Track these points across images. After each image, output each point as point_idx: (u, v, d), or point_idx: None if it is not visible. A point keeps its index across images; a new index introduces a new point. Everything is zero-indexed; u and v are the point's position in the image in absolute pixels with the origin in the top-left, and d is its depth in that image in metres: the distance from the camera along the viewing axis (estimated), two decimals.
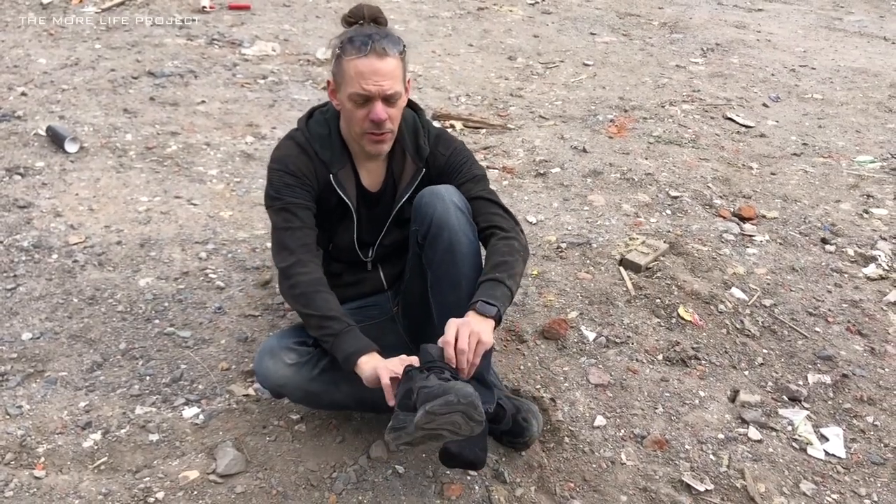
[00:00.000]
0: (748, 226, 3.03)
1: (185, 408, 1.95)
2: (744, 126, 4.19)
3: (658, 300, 2.47)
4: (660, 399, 2.09)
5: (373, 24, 1.66)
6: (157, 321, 2.29)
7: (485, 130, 3.94)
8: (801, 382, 2.20)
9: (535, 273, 2.61)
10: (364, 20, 1.66)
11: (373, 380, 1.56)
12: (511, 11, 6.51)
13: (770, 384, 2.19)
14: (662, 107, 4.39)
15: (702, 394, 2.12)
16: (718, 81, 4.97)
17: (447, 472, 1.78)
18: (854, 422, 2.07)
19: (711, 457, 1.91)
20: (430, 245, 1.71)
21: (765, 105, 4.59)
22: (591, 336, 2.31)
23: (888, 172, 3.66)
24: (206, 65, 4.53)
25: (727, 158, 3.70)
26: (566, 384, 2.11)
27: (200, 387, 2.04)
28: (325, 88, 1.75)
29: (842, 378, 2.21)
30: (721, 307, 2.45)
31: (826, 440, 1.99)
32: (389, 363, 1.57)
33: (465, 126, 3.96)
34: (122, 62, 4.44)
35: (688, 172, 3.46)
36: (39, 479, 1.70)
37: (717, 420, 2.03)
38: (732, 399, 2.12)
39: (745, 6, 7.48)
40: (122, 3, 5.50)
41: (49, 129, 3.40)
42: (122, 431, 1.86)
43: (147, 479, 1.72)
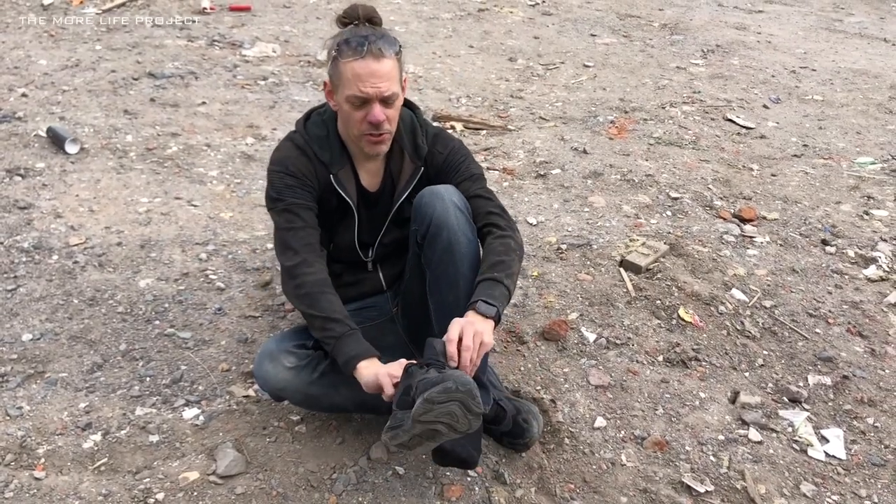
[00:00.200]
0: (748, 227, 3.03)
1: (186, 409, 1.95)
2: (744, 127, 4.19)
3: (658, 301, 2.47)
4: (660, 400, 2.09)
5: (367, 25, 1.66)
6: (158, 322, 2.29)
7: (485, 132, 3.94)
8: (802, 384, 2.20)
9: (536, 274, 2.61)
10: (359, 20, 1.66)
11: (372, 385, 1.55)
12: (511, 13, 6.51)
13: (770, 385, 2.19)
14: (663, 108, 4.39)
15: (702, 395, 2.12)
16: (719, 83, 4.97)
17: (447, 473, 1.78)
18: (854, 423, 2.07)
19: (712, 458, 1.91)
20: (430, 244, 1.71)
21: (765, 106, 4.59)
22: (592, 337, 2.31)
23: (888, 174, 3.66)
24: (207, 66, 4.54)
25: (727, 160, 3.70)
26: (566, 385, 2.11)
27: (201, 388, 2.04)
28: (323, 90, 1.75)
29: (842, 379, 2.21)
30: (721, 308, 2.45)
31: (826, 441, 1.99)
32: (390, 367, 1.56)
33: (466, 127, 3.96)
34: (123, 63, 4.44)
35: (688, 174, 3.46)
36: (39, 480, 1.70)
37: (718, 421, 2.03)
38: (733, 400, 2.12)
39: (746, 8, 7.48)
40: (123, 5, 5.51)
41: (49, 131, 3.40)
42: (123, 432, 1.86)
43: (147, 480, 1.72)
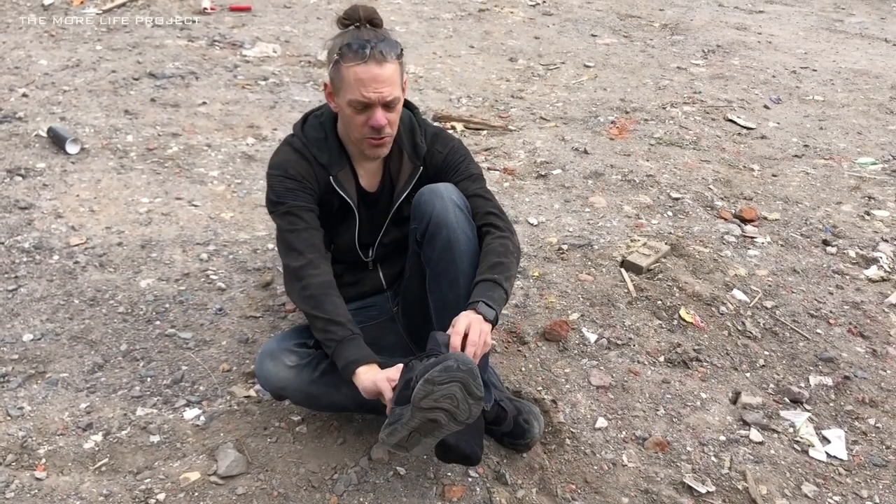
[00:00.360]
0: (749, 227, 3.03)
1: (186, 409, 1.95)
2: (745, 128, 4.19)
3: (659, 302, 2.47)
4: (661, 401, 2.09)
5: (368, 27, 1.66)
6: (158, 322, 2.29)
7: (486, 132, 3.94)
8: (803, 384, 2.20)
9: (537, 275, 2.61)
10: (360, 22, 1.65)
11: (371, 391, 1.55)
12: (512, 13, 6.51)
13: (771, 386, 2.19)
14: (663, 108, 4.39)
15: (703, 395, 2.12)
16: (719, 83, 4.97)
17: (448, 474, 1.78)
18: (856, 424, 2.07)
19: (713, 458, 1.91)
20: (429, 242, 1.71)
21: (766, 107, 4.59)
22: (593, 338, 2.31)
23: (889, 174, 3.66)
24: (207, 66, 4.54)
25: (728, 160, 3.70)
26: (567, 386, 2.11)
27: (201, 388, 2.04)
28: (323, 90, 1.75)
29: (843, 380, 2.21)
30: (722, 309, 2.45)
31: (828, 442, 1.99)
32: (388, 372, 1.55)
33: (466, 127, 3.96)
34: (123, 63, 4.44)
35: (689, 174, 3.46)
36: (40, 481, 1.70)
37: (719, 422, 2.03)
38: (734, 401, 2.12)
39: (746, 8, 7.48)
40: (123, 5, 5.51)
41: (50, 131, 3.40)
42: (123, 433, 1.86)
43: (148, 481, 1.72)
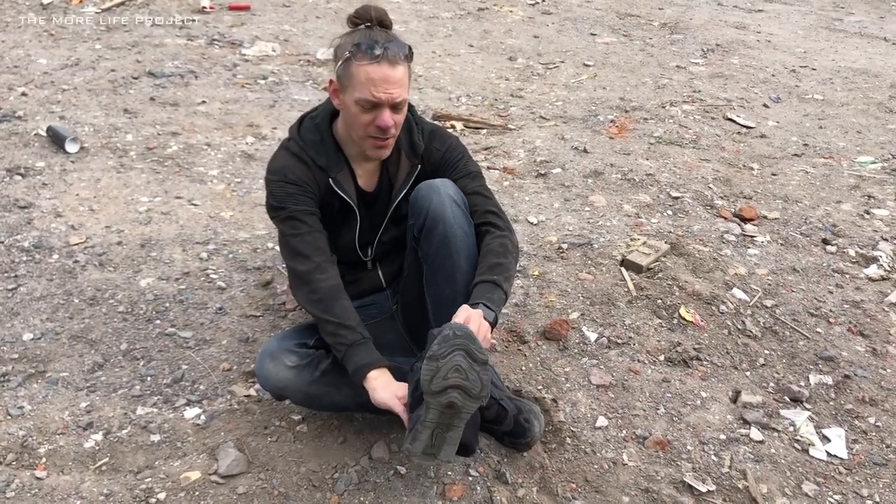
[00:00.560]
0: (749, 226, 3.03)
1: (187, 408, 1.95)
2: (744, 127, 4.19)
3: (659, 301, 2.47)
4: (661, 400, 2.09)
5: (378, 27, 1.66)
6: (159, 322, 2.29)
7: (485, 131, 3.94)
8: (803, 383, 2.20)
9: (537, 274, 2.61)
10: (371, 22, 1.65)
11: (382, 406, 1.58)
12: (511, 12, 6.51)
13: (772, 385, 2.19)
14: (663, 107, 4.39)
15: (703, 394, 2.12)
16: (719, 82, 4.97)
17: (448, 473, 1.78)
18: (856, 423, 2.07)
19: (713, 457, 1.91)
20: (426, 238, 1.71)
21: (765, 106, 4.59)
22: (593, 337, 2.31)
23: (889, 173, 3.66)
24: (207, 65, 4.53)
25: (728, 159, 3.70)
26: (568, 385, 2.11)
27: (202, 387, 2.03)
28: (326, 88, 1.74)
29: (843, 379, 2.21)
30: (722, 308, 2.45)
31: (828, 441, 1.99)
32: (399, 388, 1.58)
33: (466, 126, 3.96)
34: (123, 62, 4.43)
35: (689, 173, 3.46)
36: (41, 480, 1.70)
37: (719, 421, 2.03)
38: (734, 400, 2.12)
39: (746, 7, 7.48)
40: (122, 4, 5.50)
41: (49, 130, 3.39)
42: (124, 432, 1.86)
43: (149, 480, 1.71)
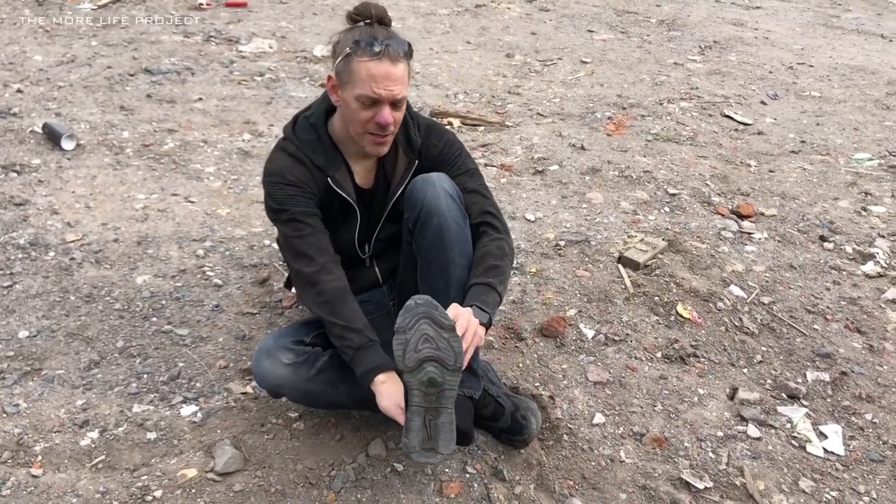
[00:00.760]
0: (746, 223, 3.03)
1: (183, 406, 1.95)
2: (742, 123, 4.19)
3: (657, 298, 2.47)
4: (659, 397, 2.09)
5: (378, 25, 1.65)
6: (155, 319, 2.28)
7: (483, 128, 3.93)
8: (800, 380, 2.20)
9: (534, 271, 2.60)
10: (371, 19, 1.65)
11: (387, 413, 1.58)
12: (509, 9, 6.50)
13: (769, 382, 2.19)
14: (660, 104, 4.38)
15: (701, 391, 2.12)
16: (716, 79, 4.97)
17: (446, 470, 1.78)
18: (853, 419, 2.07)
19: (710, 454, 1.91)
20: (420, 231, 1.71)
21: (763, 102, 4.59)
22: (590, 334, 2.31)
23: (886, 170, 3.66)
24: (203, 62, 4.52)
25: (725, 156, 3.70)
26: (565, 382, 2.11)
27: (198, 385, 2.03)
28: (324, 85, 1.73)
29: (840, 375, 2.21)
30: (720, 305, 2.45)
31: (825, 438, 1.99)
32: (400, 400, 1.58)
33: (463, 123, 3.95)
34: (119, 59, 4.42)
35: (686, 170, 3.46)
36: (37, 478, 1.70)
37: (716, 418, 2.03)
38: (731, 397, 2.12)
39: (743, 4, 7.48)
40: (118, 0, 5.48)
41: (45, 127, 3.38)
42: (120, 430, 1.85)
43: (145, 478, 1.71)
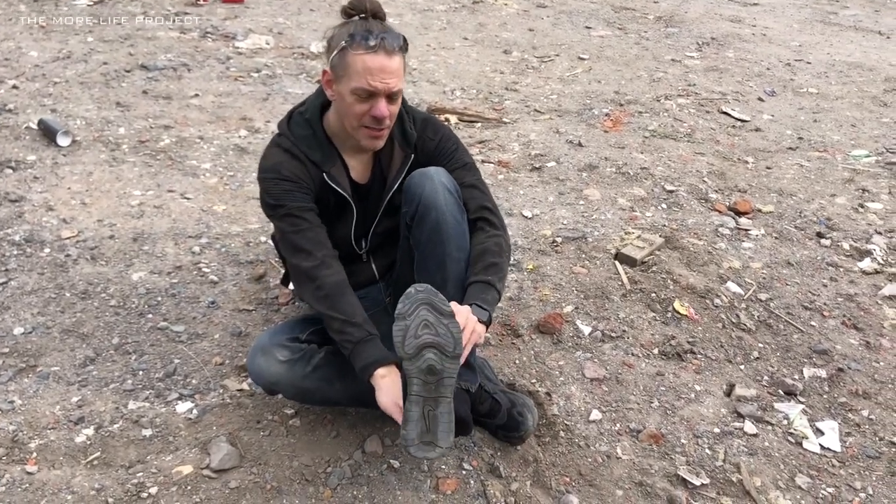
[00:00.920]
0: (744, 220, 3.03)
1: (179, 403, 1.94)
2: (739, 120, 4.19)
3: (653, 294, 2.47)
4: (655, 393, 2.09)
5: (373, 18, 1.65)
6: (151, 316, 2.27)
7: (480, 124, 3.93)
8: (797, 376, 2.20)
9: (531, 267, 2.60)
10: (366, 13, 1.64)
11: (385, 410, 1.57)
12: (506, 5, 6.48)
13: (766, 378, 2.19)
14: (658, 101, 4.38)
15: (697, 388, 2.12)
16: (714, 75, 4.97)
17: (442, 467, 1.78)
18: (849, 416, 2.07)
19: (707, 451, 1.91)
20: (418, 225, 1.71)
21: (760, 99, 4.59)
22: (587, 330, 2.30)
23: (883, 167, 3.66)
24: (200, 58, 4.50)
25: (722, 152, 3.70)
26: (561, 378, 2.11)
27: (194, 381, 2.02)
28: (319, 81, 1.73)
29: (837, 372, 2.21)
30: (717, 301, 2.45)
31: (821, 434, 1.99)
32: (398, 398, 1.57)
33: (461, 120, 3.95)
34: (115, 55, 4.40)
35: (683, 166, 3.46)
36: (32, 475, 1.69)
37: (713, 414, 2.03)
38: (728, 393, 2.12)
39: (741, 0, 7.47)
40: None
41: (41, 123, 3.37)
42: (115, 426, 1.85)
43: (140, 475, 1.71)
